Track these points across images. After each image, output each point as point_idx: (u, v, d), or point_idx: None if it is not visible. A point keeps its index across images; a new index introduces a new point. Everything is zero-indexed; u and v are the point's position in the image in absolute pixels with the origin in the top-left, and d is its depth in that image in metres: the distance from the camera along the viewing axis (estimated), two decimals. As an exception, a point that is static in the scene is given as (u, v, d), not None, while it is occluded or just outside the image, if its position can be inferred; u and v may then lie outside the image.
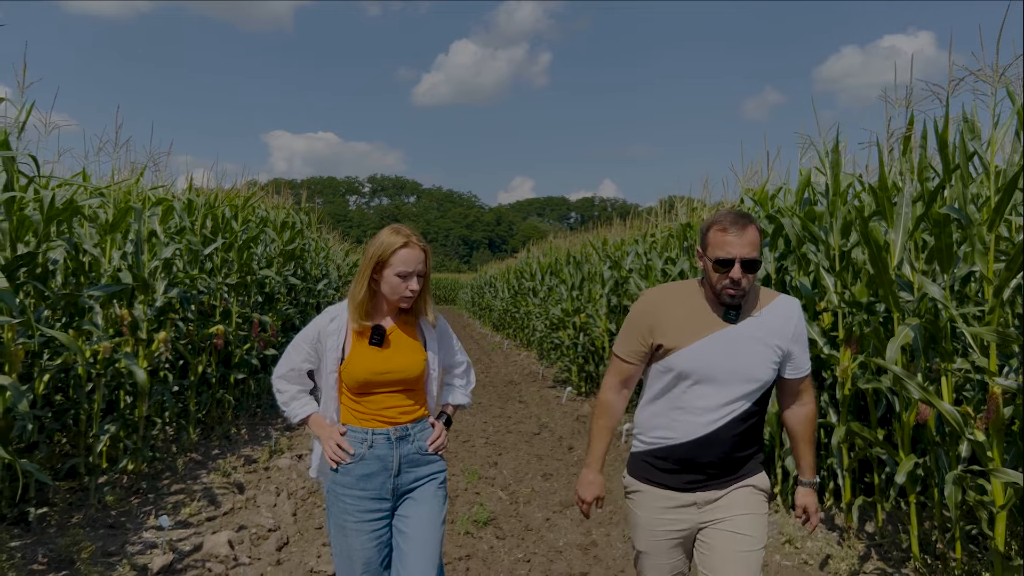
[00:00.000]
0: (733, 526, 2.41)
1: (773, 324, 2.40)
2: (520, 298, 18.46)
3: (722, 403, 2.37)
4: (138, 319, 5.79)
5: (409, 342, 2.69)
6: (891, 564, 4.37)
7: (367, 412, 2.64)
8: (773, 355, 2.39)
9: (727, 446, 2.40)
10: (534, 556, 4.62)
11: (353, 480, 2.60)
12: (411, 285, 2.57)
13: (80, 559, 4.34)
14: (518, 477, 6.50)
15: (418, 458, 2.67)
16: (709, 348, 2.36)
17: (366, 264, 2.60)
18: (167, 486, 5.94)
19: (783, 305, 2.45)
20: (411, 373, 2.65)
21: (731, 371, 2.36)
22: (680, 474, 2.44)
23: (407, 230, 2.63)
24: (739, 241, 2.30)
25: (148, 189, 6.85)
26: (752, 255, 2.31)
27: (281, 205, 11.05)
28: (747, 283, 2.34)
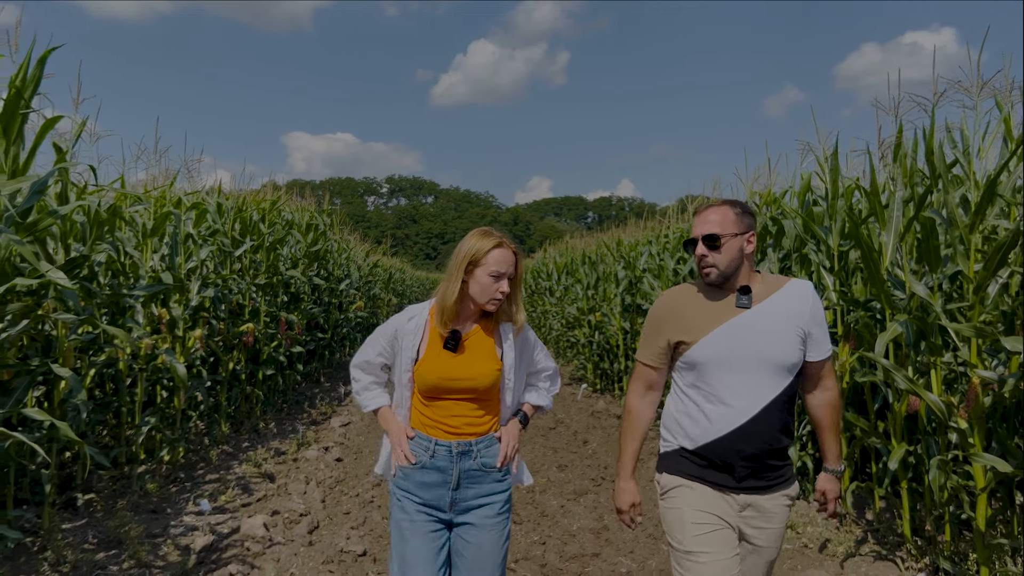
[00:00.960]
0: (764, 541, 2.44)
1: (788, 306, 2.42)
2: (537, 297, 18.76)
3: (752, 389, 2.36)
4: (176, 317, 6.16)
5: (486, 350, 2.62)
6: (886, 547, 4.63)
7: (433, 419, 2.59)
8: (795, 336, 2.39)
9: (767, 435, 2.37)
10: (549, 539, 4.92)
11: (413, 485, 2.57)
12: (502, 287, 2.53)
13: (128, 539, 4.69)
14: (535, 468, 6.81)
15: (481, 475, 2.58)
16: (727, 335, 2.39)
17: (458, 265, 2.55)
18: (202, 475, 6.30)
19: (796, 287, 2.47)
20: (482, 383, 2.57)
21: (754, 356, 2.36)
22: (722, 470, 2.41)
23: (498, 233, 2.60)
24: (699, 221, 2.48)
25: (183, 194, 7.23)
26: (711, 231, 2.43)
27: (305, 207, 11.41)
28: (716, 258, 2.42)
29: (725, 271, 2.43)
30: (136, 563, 4.37)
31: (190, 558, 4.46)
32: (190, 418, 7.05)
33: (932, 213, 3.89)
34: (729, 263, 2.43)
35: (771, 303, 2.42)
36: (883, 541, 4.75)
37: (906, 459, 4.47)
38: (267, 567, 4.38)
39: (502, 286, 2.53)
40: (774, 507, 2.44)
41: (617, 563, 4.49)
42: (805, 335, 2.42)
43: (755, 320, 2.40)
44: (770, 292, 2.45)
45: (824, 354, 2.47)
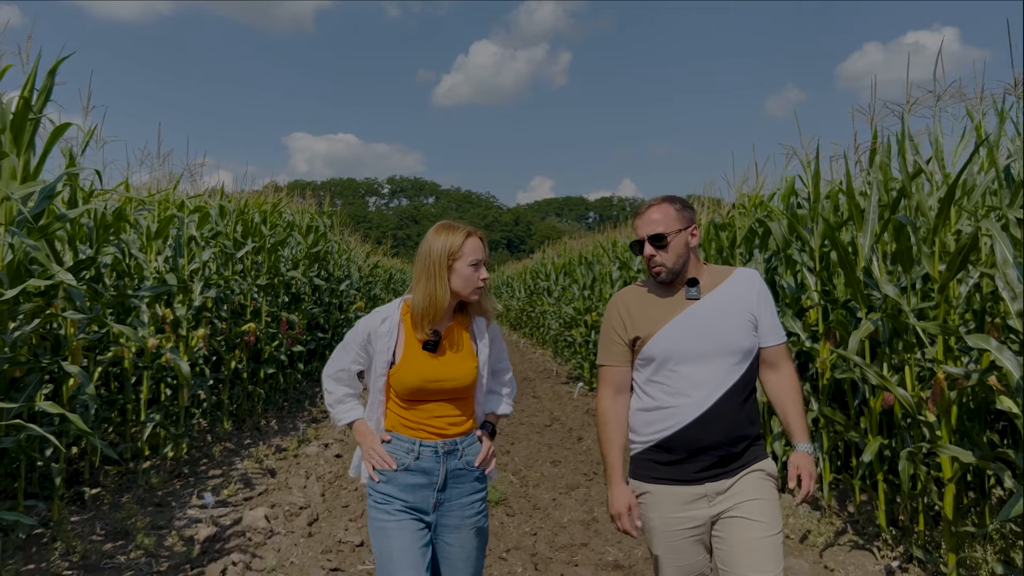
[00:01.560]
0: (744, 512, 2.40)
1: (736, 292, 2.49)
2: (536, 298, 18.95)
3: (710, 378, 2.40)
4: (180, 317, 6.35)
5: (463, 348, 2.60)
6: (864, 538, 4.81)
7: (415, 421, 2.55)
8: (746, 322, 2.46)
9: (728, 422, 2.40)
10: (540, 530, 5.10)
11: (396, 489, 2.52)
12: (482, 274, 2.53)
13: (135, 530, 4.87)
14: (528, 464, 6.99)
15: (464, 473, 2.58)
16: (680, 326, 2.43)
17: (438, 262, 2.49)
18: (205, 471, 6.49)
19: (742, 275, 2.54)
20: (464, 381, 2.56)
21: (709, 344, 2.41)
22: (686, 463, 2.42)
23: (460, 223, 2.58)
24: (642, 223, 2.50)
25: (186, 197, 7.42)
26: (656, 230, 2.46)
27: (306, 209, 11.61)
28: (664, 257, 2.46)
29: (674, 268, 2.47)
30: (143, 553, 4.56)
31: (194, 548, 4.64)
32: (193, 415, 7.23)
33: (900, 217, 4.07)
34: (677, 259, 2.46)
35: (719, 292, 2.49)
36: (862, 532, 4.93)
37: (882, 452, 4.65)
38: (268, 556, 4.57)
39: (482, 273, 2.52)
40: (749, 483, 2.43)
41: (604, 552, 4.67)
42: (755, 320, 2.48)
43: (705, 310, 2.45)
44: (718, 282, 2.52)
45: (778, 339, 2.53)
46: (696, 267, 2.53)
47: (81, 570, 4.29)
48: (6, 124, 3.51)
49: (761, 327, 2.49)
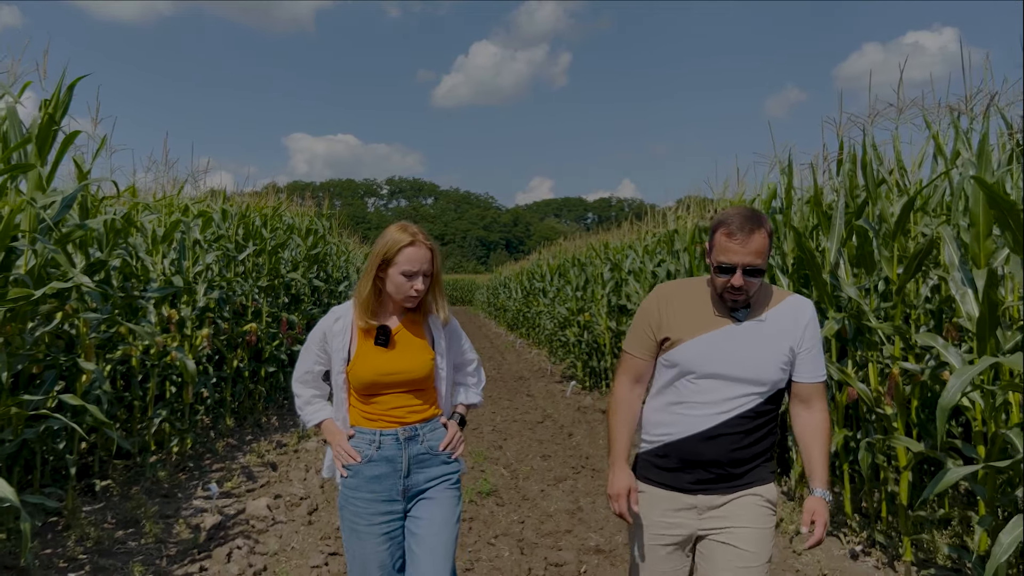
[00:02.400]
0: (733, 539, 2.33)
1: (782, 324, 2.35)
2: (531, 298, 19.24)
3: (726, 398, 2.32)
4: (184, 318, 6.63)
5: (416, 342, 2.63)
6: (832, 525, 5.09)
7: (375, 413, 2.60)
8: (782, 356, 2.33)
9: (731, 443, 2.34)
10: (528, 519, 5.39)
11: (363, 482, 2.56)
12: (416, 285, 2.52)
13: (144, 519, 5.16)
14: (519, 458, 7.28)
15: (429, 458, 2.62)
16: (713, 343, 2.33)
17: (372, 262, 2.55)
18: (209, 465, 6.77)
19: (794, 305, 2.39)
20: (418, 373, 2.60)
21: (736, 368, 2.31)
22: (682, 472, 2.39)
23: (415, 228, 2.56)
24: (743, 249, 2.23)
25: (189, 201, 7.71)
26: (756, 263, 2.24)
27: (305, 212, 11.89)
28: (751, 287, 2.28)
29: (752, 295, 2.33)
30: (152, 539, 4.84)
31: (201, 534, 4.93)
32: (197, 412, 7.52)
33: (863, 223, 4.36)
34: (755, 289, 2.32)
35: (765, 318, 2.35)
36: (832, 521, 5.22)
37: (848, 444, 4.93)
38: (270, 542, 4.86)
39: (416, 284, 2.51)
40: (744, 508, 2.36)
41: (587, 538, 4.96)
42: (793, 355, 2.35)
43: (745, 334, 2.33)
44: (767, 306, 2.37)
45: (816, 378, 2.39)
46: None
47: (95, 554, 4.58)
48: (32, 136, 3.80)
49: (799, 361, 2.37)
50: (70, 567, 4.37)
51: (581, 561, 4.54)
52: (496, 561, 4.59)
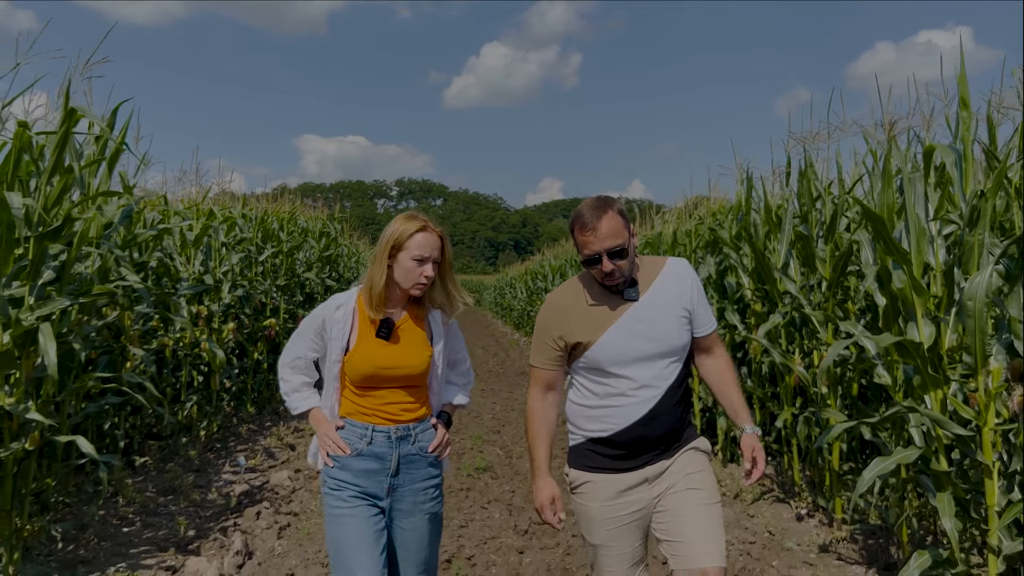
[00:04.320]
0: (687, 483, 2.43)
1: (673, 287, 2.46)
2: (535, 298, 19.95)
3: (653, 377, 2.41)
4: (212, 313, 7.39)
5: (417, 337, 2.62)
6: (785, 494, 5.79)
7: (369, 407, 2.58)
8: (682, 318, 2.45)
9: (671, 416, 2.44)
10: (518, 489, 6.11)
11: (349, 475, 2.55)
12: (426, 271, 2.51)
13: (182, 488, 5.91)
14: (514, 441, 8.00)
15: (417, 459, 2.61)
16: (621, 331, 2.41)
17: (382, 249, 2.53)
18: (234, 446, 7.52)
19: (674, 267, 2.51)
20: (416, 369, 2.58)
21: (650, 346, 2.40)
22: (629, 457, 2.45)
23: (424, 216, 2.57)
24: (596, 237, 2.36)
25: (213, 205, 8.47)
26: (615, 244, 2.36)
27: (318, 216, 12.65)
28: (622, 268, 2.39)
29: (628, 274, 2.45)
30: (190, 503, 5.59)
31: (231, 500, 5.67)
32: (222, 399, 8.27)
33: (801, 228, 5.06)
34: (631, 266, 2.44)
35: (656, 290, 2.46)
36: (787, 490, 5.91)
37: (796, 420, 5.63)
38: (292, 505, 5.59)
39: (426, 270, 2.51)
40: (686, 459, 2.48)
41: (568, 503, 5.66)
42: (690, 314, 2.48)
43: (645, 311, 2.43)
44: (652, 278, 2.48)
45: (711, 327, 2.54)
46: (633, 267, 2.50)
47: (143, 515, 5.32)
48: (103, 158, 4.54)
49: (695, 318, 2.49)
50: (123, 524, 5.12)
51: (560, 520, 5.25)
52: (488, 520, 5.32)
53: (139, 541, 4.78)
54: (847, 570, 4.33)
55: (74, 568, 4.25)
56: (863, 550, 4.56)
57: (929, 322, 3.41)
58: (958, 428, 3.14)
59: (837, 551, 4.60)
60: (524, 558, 4.58)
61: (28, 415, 3.80)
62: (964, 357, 3.25)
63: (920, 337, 3.36)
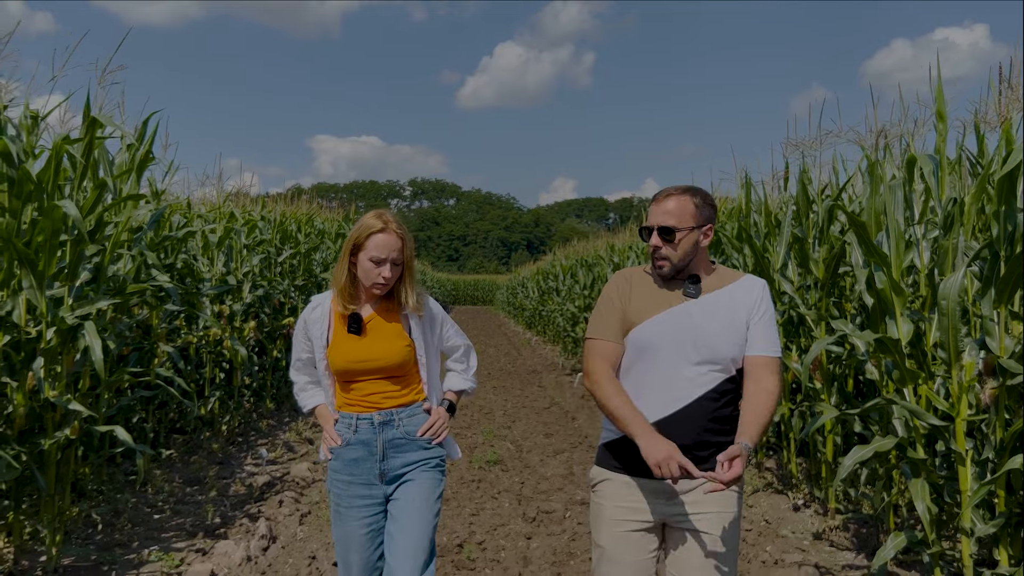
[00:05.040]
0: (701, 524, 2.32)
1: (735, 299, 2.38)
2: (546, 297, 20.21)
3: (685, 379, 2.31)
4: (235, 312, 7.70)
5: (390, 329, 2.67)
6: (784, 486, 6.02)
7: (353, 399, 2.68)
8: (739, 330, 2.35)
9: (698, 426, 2.31)
10: (527, 481, 6.37)
11: (342, 465, 2.65)
12: (384, 272, 2.55)
13: (207, 478, 6.21)
14: (525, 436, 8.27)
15: (405, 443, 2.65)
16: (668, 322, 2.35)
17: (345, 247, 2.60)
18: (255, 440, 7.83)
19: (747, 282, 2.43)
20: (391, 360, 2.63)
21: (692, 346, 2.32)
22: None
23: (388, 216, 2.59)
24: (657, 210, 2.37)
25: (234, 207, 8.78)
26: (666, 223, 2.33)
27: (334, 217, 12.96)
28: (669, 251, 2.35)
29: (678, 264, 2.37)
30: (215, 492, 5.88)
31: (255, 490, 5.96)
32: (243, 395, 8.58)
33: (797, 231, 5.30)
34: (683, 257, 2.36)
35: (719, 295, 2.38)
36: (787, 483, 6.15)
37: (793, 415, 5.86)
38: (312, 494, 5.88)
39: (383, 271, 2.54)
40: (708, 493, 2.30)
41: (575, 494, 5.93)
42: (747, 328, 2.36)
43: (699, 310, 2.36)
44: (721, 284, 2.41)
45: (765, 351, 2.35)
46: (702, 265, 2.43)
47: (171, 503, 5.62)
48: (133, 167, 4.84)
49: (751, 335, 2.36)
50: (153, 511, 5.41)
51: (567, 509, 5.51)
52: (498, 509, 5.58)
53: (169, 527, 5.08)
54: (837, 555, 4.57)
55: (111, 550, 4.54)
56: (854, 537, 4.80)
57: (907, 320, 3.64)
58: (933, 419, 3.37)
59: (830, 538, 4.84)
60: (531, 543, 4.84)
61: (70, 406, 4.09)
62: (939, 352, 3.47)
63: (898, 334, 3.60)
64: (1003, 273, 3.22)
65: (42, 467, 4.25)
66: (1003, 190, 3.22)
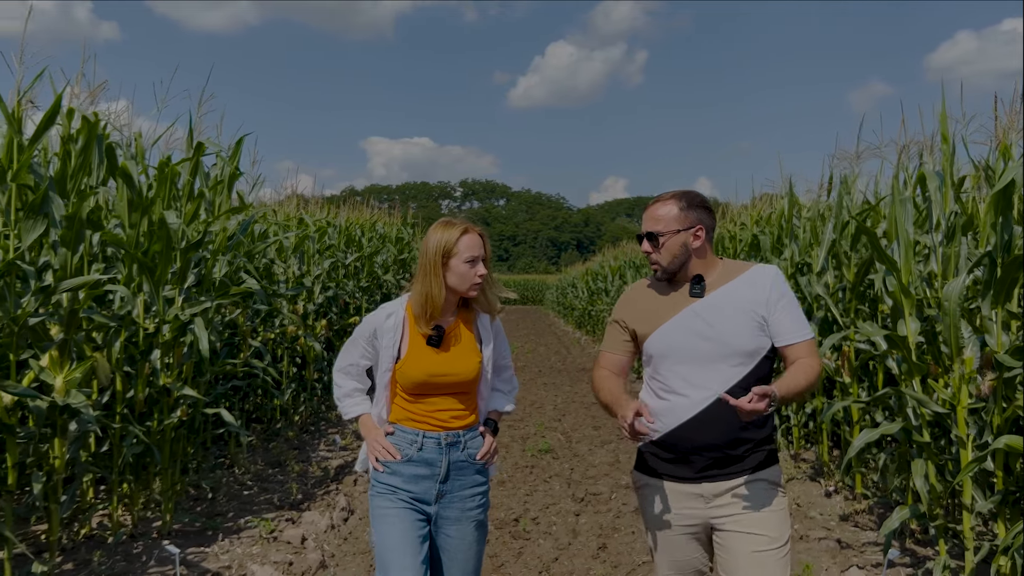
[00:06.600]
0: (744, 525, 2.33)
1: (745, 291, 2.38)
2: (595, 298, 20.67)
3: (707, 379, 2.33)
4: (307, 312, 8.40)
5: (467, 343, 2.65)
6: (817, 474, 6.44)
7: (419, 414, 2.61)
8: (752, 322, 2.35)
9: (726, 425, 2.32)
10: (576, 467, 6.90)
11: (399, 480, 2.58)
12: (479, 270, 2.56)
13: (287, 461, 6.89)
14: (574, 428, 8.80)
15: (466, 466, 2.64)
16: (679, 325, 2.39)
17: (432, 260, 2.54)
18: (325, 428, 8.52)
19: (756, 272, 2.42)
20: (467, 376, 2.61)
21: (708, 344, 2.35)
22: (682, 461, 2.39)
23: (458, 219, 2.61)
24: (645, 217, 2.47)
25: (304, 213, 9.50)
26: (651, 228, 2.42)
27: (394, 221, 13.67)
28: (657, 255, 2.43)
29: (668, 267, 2.43)
30: (296, 474, 6.55)
31: (330, 472, 6.62)
32: (315, 388, 9.29)
33: (834, 237, 5.73)
34: (671, 260, 2.41)
35: (726, 290, 2.40)
36: (820, 471, 6.56)
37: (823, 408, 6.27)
38: (382, 476, 6.51)
39: (479, 269, 2.56)
40: (750, 491, 2.35)
41: (620, 479, 6.44)
42: (763, 320, 2.36)
43: (707, 309, 2.38)
44: (727, 279, 2.43)
45: (796, 338, 2.37)
46: (703, 265, 2.45)
47: (257, 481, 6.30)
48: (226, 183, 5.52)
49: (773, 326, 2.37)
50: (243, 489, 6.10)
51: (612, 492, 6.03)
52: (549, 491, 6.13)
53: (259, 502, 5.75)
54: (860, 534, 5.00)
55: (213, 519, 5.22)
56: (877, 519, 5.22)
57: (915, 319, 4.08)
58: (936, 406, 3.81)
59: (855, 520, 5.26)
60: (580, 519, 5.37)
61: (184, 391, 4.77)
62: (943, 348, 3.90)
63: (906, 331, 4.04)
64: (1000, 277, 3.64)
65: (159, 445, 4.93)
66: (999, 204, 3.64)
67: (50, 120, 4.00)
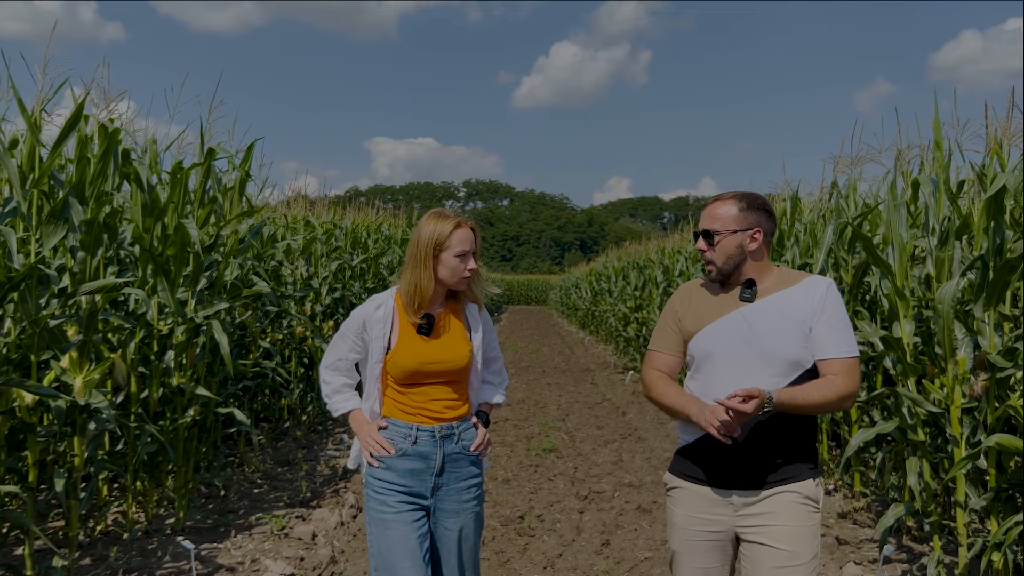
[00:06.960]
0: (770, 538, 2.29)
1: (796, 301, 2.33)
2: (599, 298, 20.79)
3: (752, 383, 2.24)
4: (315, 312, 8.53)
5: (456, 331, 2.67)
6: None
7: (412, 405, 2.60)
8: (799, 332, 2.30)
9: (763, 436, 2.29)
10: (579, 466, 7.02)
11: (394, 475, 2.57)
12: (469, 264, 2.57)
13: (295, 460, 7.01)
14: (578, 427, 8.91)
15: (461, 458, 2.64)
16: (724, 327, 2.37)
17: (424, 251, 2.54)
18: (332, 428, 8.65)
19: (810, 283, 2.37)
20: (458, 363, 2.61)
21: (751, 350, 2.32)
22: (715, 467, 2.36)
23: (451, 212, 2.60)
24: (703, 215, 2.45)
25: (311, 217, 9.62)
26: (708, 226, 2.40)
27: (399, 223, 13.79)
28: (712, 255, 2.40)
29: (723, 268, 2.39)
30: (304, 472, 6.67)
31: (338, 470, 6.74)
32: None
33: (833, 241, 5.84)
34: (726, 260, 2.38)
35: (778, 298, 2.36)
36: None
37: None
38: (389, 475, 6.63)
39: (469, 263, 2.58)
40: (780, 505, 2.30)
41: (622, 477, 6.56)
42: (810, 332, 2.31)
43: (755, 314, 2.35)
44: (782, 287, 2.38)
45: (831, 353, 2.29)
46: (757, 269, 2.40)
47: (267, 480, 6.43)
48: (236, 187, 5.65)
49: (813, 338, 2.30)
50: (253, 487, 6.22)
51: (616, 490, 6.15)
52: (553, 489, 6.25)
53: (269, 499, 5.87)
54: (858, 531, 5.11)
55: (225, 516, 5.34)
56: (875, 516, 5.32)
57: (910, 321, 4.18)
58: (930, 406, 3.92)
59: (853, 517, 5.37)
60: (583, 516, 5.49)
61: (197, 391, 4.90)
62: (936, 349, 4.01)
63: (901, 333, 4.15)
64: (992, 280, 3.75)
65: (172, 443, 5.05)
66: (991, 209, 3.75)
67: (71, 128, 4.13)
